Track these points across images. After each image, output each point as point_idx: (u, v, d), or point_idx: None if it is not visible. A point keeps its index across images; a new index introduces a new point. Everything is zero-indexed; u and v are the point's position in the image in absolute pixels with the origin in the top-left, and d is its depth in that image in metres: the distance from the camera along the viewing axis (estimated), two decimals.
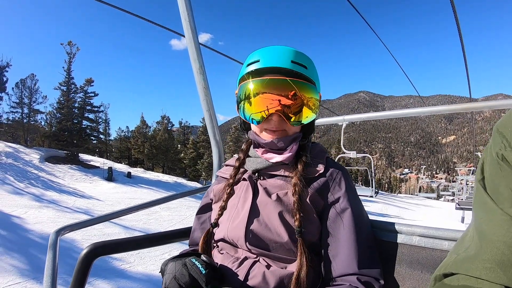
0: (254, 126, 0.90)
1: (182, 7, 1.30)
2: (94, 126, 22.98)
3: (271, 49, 0.86)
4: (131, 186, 16.71)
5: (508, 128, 0.40)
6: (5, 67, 23.73)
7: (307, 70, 0.84)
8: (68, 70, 21.78)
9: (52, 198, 11.53)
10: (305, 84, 0.83)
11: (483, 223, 0.39)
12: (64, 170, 17.41)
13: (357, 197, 0.86)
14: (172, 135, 27.55)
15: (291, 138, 0.87)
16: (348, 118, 1.44)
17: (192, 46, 1.37)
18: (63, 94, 21.80)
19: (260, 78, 0.83)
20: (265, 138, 0.88)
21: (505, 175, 0.38)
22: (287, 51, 0.85)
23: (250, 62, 0.87)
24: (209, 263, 0.75)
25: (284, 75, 0.82)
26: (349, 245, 0.77)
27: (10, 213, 8.81)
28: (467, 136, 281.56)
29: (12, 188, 12.07)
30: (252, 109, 0.85)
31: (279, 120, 0.84)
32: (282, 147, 0.87)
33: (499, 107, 1.08)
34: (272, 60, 0.83)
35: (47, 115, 23.89)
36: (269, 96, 0.82)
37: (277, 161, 0.87)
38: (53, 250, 0.94)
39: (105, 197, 13.07)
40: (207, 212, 1.02)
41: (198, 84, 1.43)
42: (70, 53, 21.78)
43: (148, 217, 9.61)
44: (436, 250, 0.80)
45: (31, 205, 10.04)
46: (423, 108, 1.21)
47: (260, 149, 0.90)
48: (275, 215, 0.80)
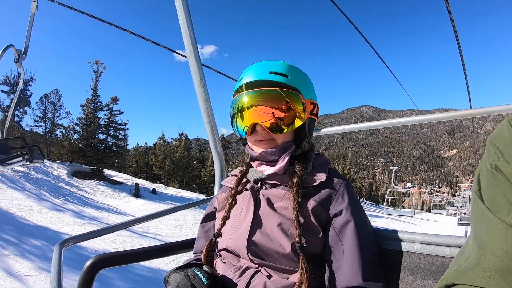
0: (248, 139, 0.94)
1: (182, 21, 1.33)
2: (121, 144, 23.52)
3: (254, 65, 0.91)
4: (158, 203, 17.00)
5: (501, 139, 0.41)
6: (29, 81, 24.45)
7: (288, 78, 0.87)
8: (94, 88, 22.38)
9: (91, 214, 11.77)
10: (285, 92, 0.85)
11: (482, 232, 0.40)
12: (93, 186, 17.73)
13: (360, 209, 0.85)
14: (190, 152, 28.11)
15: (281, 147, 0.88)
16: (348, 128, 1.45)
17: (192, 59, 1.39)
18: (88, 112, 22.35)
19: (239, 94, 0.88)
20: (256, 151, 0.91)
21: (500, 185, 0.39)
22: (267, 64, 0.89)
23: (238, 80, 0.93)
24: (211, 274, 0.76)
25: (260, 87, 0.85)
26: (353, 258, 0.77)
27: (58, 230, 8.95)
28: (469, 149, 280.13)
29: (51, 204, 12.35)
30: (239, 123, 0.90)
31: (263, 130, 0.87)
32: (274, 159, 0.88)
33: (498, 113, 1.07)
34: (252, 75, 0.88)
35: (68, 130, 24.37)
36: (250, 109, 0.86)
37: (270, 174, 0.89)
38: (57, 263, 0.95)
39: (139, 214, 13.31)
40: (211, 220, 1.04)
41: (199, 97, 1.46)
42: (96, 71, 22.48)
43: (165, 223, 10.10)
44: (437, 257, 0.80)
45: (75, 222, 10.29)
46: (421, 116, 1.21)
47: (255, 162, 0.94)
48: (277, 226, 0.81)
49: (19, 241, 7.10)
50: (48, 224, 9.24)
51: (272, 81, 0.85)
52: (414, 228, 21.16)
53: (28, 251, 6.27)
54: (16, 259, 5.78)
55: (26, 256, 6.00)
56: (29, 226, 8.57)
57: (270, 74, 0.86)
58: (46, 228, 8.75)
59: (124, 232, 9.83)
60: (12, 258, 5.77)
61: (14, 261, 5.66)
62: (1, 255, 5.78)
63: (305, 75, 0.94)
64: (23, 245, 7.02)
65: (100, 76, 22.48)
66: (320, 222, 0.82)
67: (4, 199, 11.28)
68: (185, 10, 1.34)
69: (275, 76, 0.86)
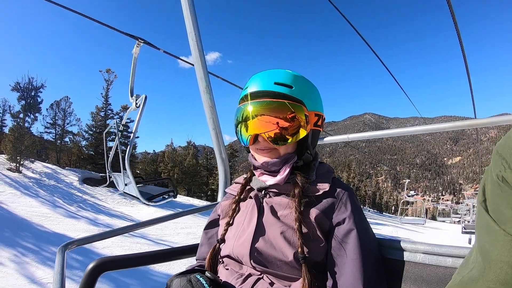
0: (250, 148, 0.94)
1: (189, 28, 1.34)
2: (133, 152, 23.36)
3: (259, 74, 0.91)
4: (170, 210, 17.01)
5: (507, 149, 0.40)
6: (39, 88, 24.69)
7: (292, 89, 0.87)
8: (105, 96, 22.55)
9: (106, 222, 11.73)
10: (289, 103, 0.85)
11: (486, 244, 0.40)
12: (104, 193, 17.80)
13: (363, 217, 0.85)
14: (198, 160, 28.28)
15: (283, 158, 0.88)
16: (352, 137, 1.44)
17: (199, 65, 1.39)
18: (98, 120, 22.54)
19: (244, 103, 0.89)
20: (258, 160, 0.91)
21: (506, 196, 0.38)
22: (272, 74, 0.89)
23: (243, 89, 0.93)
24: (213, 280, 0.77)
25: (265, 97, 0.86)
26: (355, 266, 0.77)
27: (76, 237, 9.17)
28: (472, 157, 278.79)
29: (65, 211, 12.41)
30: (243, 132, 0.90)
31: (265, 141, 0.87)
32: (275, 169, 0.89)
33: (501, 123, 1.07)
34: (257, 84, 0.88)
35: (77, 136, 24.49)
36: (254, 119, 0.87)
37: (271, 184, 0.89)
38: (61, 265, 0.95)
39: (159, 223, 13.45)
40: (215, 227, 1.05)
41: (204, 103, 1.45)
42: (108, 80, 22.56)
43: None
44: (440, 267, 0.79)
45: (91, 229, 10.27)
46: (425, 126, 1.22)
47: (257, 172, 0.94)
48: (280, 235, 0.81)
49: (38, 248, 7.16)
50: (65, 231, 9.30)
51: (276, 92, 0.86)
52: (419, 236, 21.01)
53: (48, 258, 6.37)
54: (37, 266, 5.89)
55: (47, 263, 6.10)
56: (47, 233, 8.63)
57: (274, 85, 0.87)
58: (64, 235, 8.79)
59: (140, 240, 9.85)
60: (33, 265, 5.89)
61: (36, 268, 5.77)
62: (22, 262, 5.89)
63: (311, 86, 0.93)
64: (43, 252, 7.08)
65: (111, 85, 22.63)
66: (323, 231, 0.82)
67: (19, 206, 11.31)
68: (193, 18, 1.35)
69: (279, 87, 0.86)
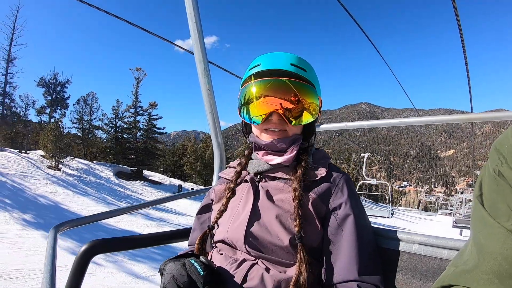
0: (254, 128, 0.92)
1: (189, 9, 1.34)
2: (162, 147, 24.61)
3: (272, 54, 0.92)
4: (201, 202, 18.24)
5: (505, 145, 0.41)
6: (65, 84, 24.98)
7: (306, 72, 0.88)
8: (135, 93, 23.39)
9: (157, 216, 12.58)
10: (305, 85, 0.86)
11: (481, 236, 0.41)
12: (140, 187, 18.76)
13: (359, 203, 0.86)
14: None
15: (291, 139, 0.88)
16: (350, 125, 1.45)
17: (198, 48, 1.38)
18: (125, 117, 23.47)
19: (261, 79, 0.86)
20: (265, 140, 0.89)
21: (502, 190, 0.39)
22: (287, 55, 0.90)
23: (252, 67, 0.91)
24: (208, 265, 0.75)
25: (284, 76, 0.85)
26: (350, 251, 0.77)
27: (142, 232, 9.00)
28: (466, 150, 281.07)
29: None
30: (254, 110, 0.88)
31: (279, 120, 0.86)
32: (283, 149, 0.88)
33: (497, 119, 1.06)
34: (273, 63, 0.87)
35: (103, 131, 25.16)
36: (270, 97, 0.85)
37: (277, 163, 0.88)
38: (52, 246, 0.92)
39: (192, 213, 13.37)
40: (207, 212, 1.04)
41: (202, 86, 1.44)
42: (137, 78, 23.43)
43: None
44: (435, 259, 0.80)
45: (150, 224, 11.07)
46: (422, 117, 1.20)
47: (261, 152, 0.92)
48: (276, 219, 0.81)
49: None
50: (132, 228, 10.17)
51: (294, 73, 0.86)
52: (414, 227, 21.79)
53: (135, 255, 6.72)
54: (131, 263, 6.35)
55: (137, 259, 6.57)
56: (118, 231, 9.20)
57: (291, 65, 0.87)
58: (134, 232, 9.28)
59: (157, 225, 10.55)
60: (128, 262, 6.35)
61: (131, 265, 6.23)
62: (117, 261, 6.27)
63: (315, 71, 0.95)
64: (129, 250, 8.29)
65: (140, 82, 23.41)
66: (319, 216, 0.83)
67: (77, 206, 12.17)
68: None
69: (296, 68, 0.87)
